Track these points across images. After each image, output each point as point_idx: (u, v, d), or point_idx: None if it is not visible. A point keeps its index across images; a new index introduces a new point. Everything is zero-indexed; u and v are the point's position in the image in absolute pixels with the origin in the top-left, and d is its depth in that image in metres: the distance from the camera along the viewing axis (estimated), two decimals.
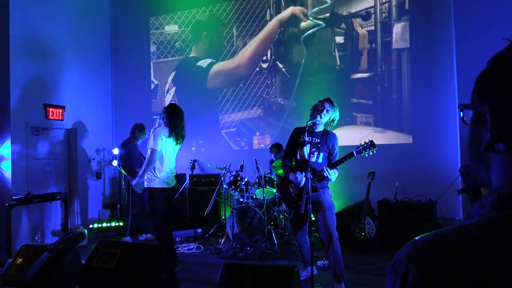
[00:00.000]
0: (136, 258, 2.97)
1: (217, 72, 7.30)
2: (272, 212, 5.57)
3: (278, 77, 6.78)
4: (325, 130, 3.73)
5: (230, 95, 7.15)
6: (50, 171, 6.65)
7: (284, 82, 6.74)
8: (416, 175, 5.60)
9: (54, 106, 6.56)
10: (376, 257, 4.76)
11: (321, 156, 3.64)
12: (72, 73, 6.98)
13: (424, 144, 5.71)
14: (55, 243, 3.26)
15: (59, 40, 6.77)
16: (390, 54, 5.95)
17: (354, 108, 6.14)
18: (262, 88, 6.90)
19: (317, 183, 3.58)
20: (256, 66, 6.96)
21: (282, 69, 6.74)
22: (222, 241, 5.57)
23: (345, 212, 5.38)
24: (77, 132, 7.00)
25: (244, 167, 5.70)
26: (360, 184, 5.55)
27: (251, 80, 6.99)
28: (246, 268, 2.77)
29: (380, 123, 6.03)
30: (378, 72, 6.04)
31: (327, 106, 3.66)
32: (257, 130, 6.96)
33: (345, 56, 6.25)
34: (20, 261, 3.47)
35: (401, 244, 2.25)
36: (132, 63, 7.95)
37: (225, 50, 7.22)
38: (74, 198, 6.93)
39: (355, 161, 5.86)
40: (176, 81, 7.67)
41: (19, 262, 3.47)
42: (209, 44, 7.40)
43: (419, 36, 5.78)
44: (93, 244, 3.52)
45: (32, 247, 3.57)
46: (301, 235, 3.80)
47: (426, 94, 5.72)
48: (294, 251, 4.95)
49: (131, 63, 7.95)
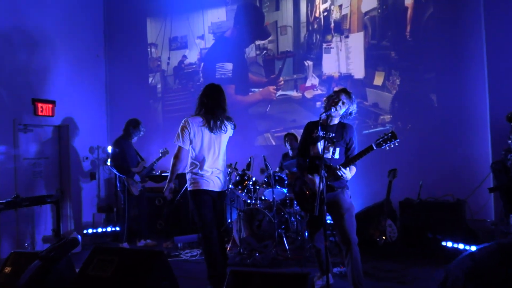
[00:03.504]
0: (135, 265, 2.98)
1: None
2: (283, 215, 5.56)
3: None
4: (340, 123, 3.71)
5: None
6: (40, 172, 6.70)
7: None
8: (442, 172, 5.55)
9: (43, 101, 6.60)
10: (398, 263, 4.73)
11: (337, 152, 3.61)
12: (62, 65, 7.02)
13: (451, 138, 5.65)
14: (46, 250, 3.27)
15: (49, 29, 6.80)
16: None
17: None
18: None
19: (334, 182, 3.55)
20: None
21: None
22: (228, 247, 5.56)
23: (363, 214, 5.35)
24: (68, 129, 7.04)
25: (251, 165, 5.69)
26: (380, 183, 5.51)
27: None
28: (255, 275, 2.76)
29: (403, 115, 6.03)
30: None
31: (343, 98, 3.63)
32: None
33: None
34: (8, 270, 3.49)
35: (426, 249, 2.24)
36: (128, 53, 7.97)
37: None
38: (66, 201, 6.98)
39: (374, 157, 5.82)
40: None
41: (7, 271, 3.49)
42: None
43: (446, 23, 5.76)
44: (87, 251, 3.53)
45: (22, 255, 3.59)
46: (318, 239, 3.78)
47: (454, 83, 5.67)
48: (308, 257, 4.94)
49: (127, 53, 7.97)
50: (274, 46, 6.89)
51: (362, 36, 6.26)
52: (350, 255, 3.49)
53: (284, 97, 6.80)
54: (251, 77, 7.08)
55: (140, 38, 7.94)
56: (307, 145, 3.77)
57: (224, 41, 7.31)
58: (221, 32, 7.32)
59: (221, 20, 7.32)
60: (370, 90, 6.20)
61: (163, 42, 7.80)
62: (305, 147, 3.81)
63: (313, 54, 6.59)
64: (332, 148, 3.58)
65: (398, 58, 6.03)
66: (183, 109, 7.39)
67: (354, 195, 5.82)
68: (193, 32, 7.55)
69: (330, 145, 3.58)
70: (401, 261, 4.78)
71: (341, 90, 3.70)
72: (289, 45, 6.78)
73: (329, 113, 3.59)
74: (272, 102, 6.91)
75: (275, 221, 5.15)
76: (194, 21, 7.55)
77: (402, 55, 6.01)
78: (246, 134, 6.84)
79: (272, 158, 5.98)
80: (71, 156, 7.06)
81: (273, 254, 5.05)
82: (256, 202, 5.52)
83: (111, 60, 8.03)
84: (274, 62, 6.89)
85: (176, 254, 5.53)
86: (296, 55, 6.73)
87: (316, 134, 3.67)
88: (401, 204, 5.34)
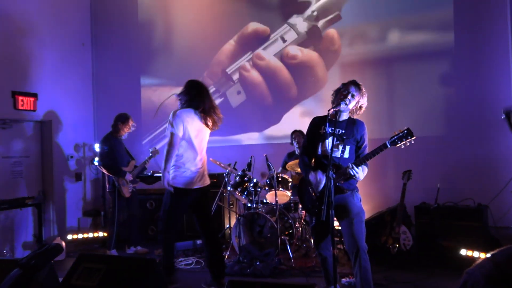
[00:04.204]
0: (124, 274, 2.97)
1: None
2: (287, 220, 5.55)
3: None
4: (350, 119, 3.69)
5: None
6: (20, 171, 6.70)
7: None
8: (462, 174, 5.56)
9: (24, 94, 6.60)
10: (413, 273, 4.72)
11: (347, 150, 3.60)
12: (45, 54, 7.02)
13: (472, 137, 5.64)
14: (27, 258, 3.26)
15: (30, 15, 6.79)
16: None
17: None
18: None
19: (343, 183, 3.54)
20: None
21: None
22: (227, 255, 5.57)
23: (375, 220, 5.34)
24: (52, 124, 7.05)
25: (252, 165, 5.68)
26: (393, 186, 5.51)
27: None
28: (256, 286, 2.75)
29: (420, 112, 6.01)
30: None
31: (352, 90, 3.62)
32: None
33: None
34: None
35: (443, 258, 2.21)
36: (118, 41, 7.96)
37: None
38: (49, 204, 6.99)
39: (387, 158, 5.88)
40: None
41: None
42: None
43: (465, 11, 5.76)
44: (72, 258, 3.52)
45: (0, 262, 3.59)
46: (324, 247, 3.77)
47: (475, 78, 5.66)
48: (313, 267, 4.94)
49: (116, 41, 7.96)
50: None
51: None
52: (359, 264, 3.49)
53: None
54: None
55: (131, 24, 7.92)
56: (314, 143, 3.76)
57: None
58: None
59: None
60: None
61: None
62: (311, 144, 3.79)
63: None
64: (341, 146, 3.57)
65: None
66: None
67: (365, 199, 5.79)
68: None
69: (339, 142, 3.57)
70: (416, 271, 4.76)
71: (350, 82, 3.69)
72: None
73: (338, 108, 3.57)
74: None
75: (278, 227, 5.15)
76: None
77: None
78: (246, 130, 6.84)
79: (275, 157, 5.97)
80: (55, 154, 7.07)
81: (275, 263, 5.04)
82: (257, 206, 5.52)
83: (99, 48, 8.03)
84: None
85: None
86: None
87: (323, 130, 3.66)
88: (416, 209, 5.33)
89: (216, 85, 7.24)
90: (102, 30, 8.03)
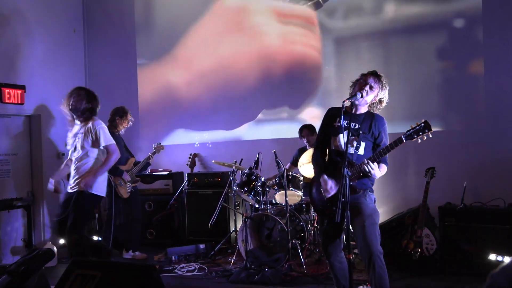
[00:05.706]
0: (121, 282, 2.99)
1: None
2: (298, 222, 5.56)
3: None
4: (369, 112, 3.69)
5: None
6: (8, 170, 6.74)
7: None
8: (490, 172, 5.53)
9: (11, 86, 6.62)
10: (436, 280, 4.72)
11: (362, 147, 3.59)
12: (34, 43, 7.05)
13: (501, 131, 5.61)
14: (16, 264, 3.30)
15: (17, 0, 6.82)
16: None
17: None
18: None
19: (356, 182, 3.55)
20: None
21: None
22: (232, 260, 5.59)
23: (395, 222, 5.34)
24: (41, 119, 7.07)
25: (260, 163, 5.69)
26: (415, 185, 5.49)
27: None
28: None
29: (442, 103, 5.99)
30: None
31: (371, 82, 3.61)
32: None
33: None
34: None
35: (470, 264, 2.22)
36: (112, 27, 7.98)
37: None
38: (39, 206, 7.02)
39: (408, 154, 5.87)
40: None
41: None
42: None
43: None
44: (64, 265, 3.56)
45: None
46: (333, 252, 3.77)
47: (505, 66, 5.63)
48: (327, 273, 4.93)
49: (110, 28, 7.99)
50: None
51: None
52: (373, 270, 3.48)
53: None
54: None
55: (127, 7, 7.93)
56: (328, 136, 3.76)
57: None
58: None
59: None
60: None
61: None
62: (324, 138, 3.80)
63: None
64: (356, 142, 3.57)
65: None
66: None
67: (384, 200, 5.84)
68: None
69: (354, 138, 3.57)
70: (440, 278, 4.77)
71: (370, 73, 3.68)
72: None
73: (354, 100, 3.57)
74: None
75: (289, 230, 5.16)
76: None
77: None
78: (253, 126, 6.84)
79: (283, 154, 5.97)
80: (45, 151, 7.09)
81: (286, 270, 5.05)
82: (266, 207, 5.53)
83: (92, 35, 8.05)
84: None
85: (170, 268, 5.55)
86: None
87: (338, 123, 3.66)
88: (440, 210, 5.31)
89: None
90: (95, 14, 8.04)
